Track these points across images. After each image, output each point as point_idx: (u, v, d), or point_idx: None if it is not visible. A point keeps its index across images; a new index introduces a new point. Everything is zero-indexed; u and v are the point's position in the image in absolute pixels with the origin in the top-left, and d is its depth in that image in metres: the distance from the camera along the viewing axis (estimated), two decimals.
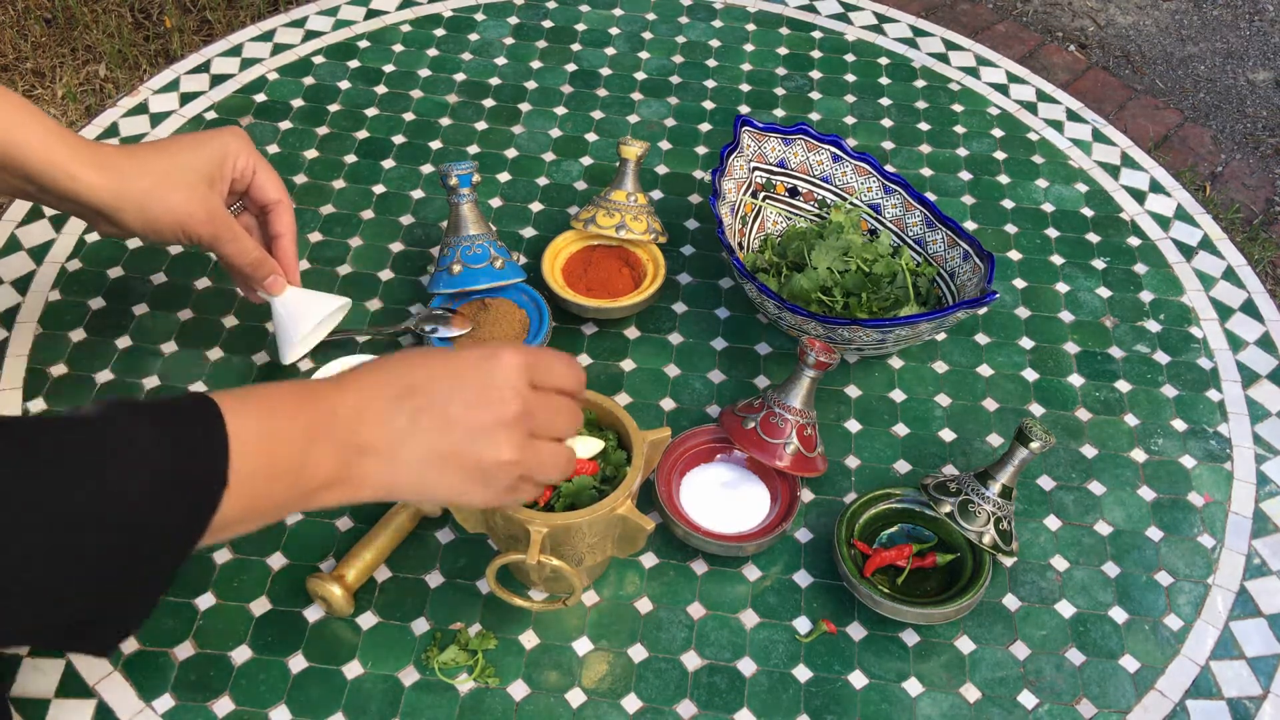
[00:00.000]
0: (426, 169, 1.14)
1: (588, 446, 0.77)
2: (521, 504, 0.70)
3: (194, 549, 0.54)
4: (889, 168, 1.18)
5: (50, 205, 0.80)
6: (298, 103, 1.20)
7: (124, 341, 0.97)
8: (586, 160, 1.17)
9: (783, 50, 1.32)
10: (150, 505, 0.52)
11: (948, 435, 0.95)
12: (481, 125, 1.20)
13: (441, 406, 0.60)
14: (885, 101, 1.26)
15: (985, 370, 1.00)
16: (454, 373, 0.61)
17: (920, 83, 1.29)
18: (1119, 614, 0.84)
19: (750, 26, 1.35)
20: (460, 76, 1.25)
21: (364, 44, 1.28)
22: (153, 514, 0.52)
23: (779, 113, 1.24)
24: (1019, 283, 1.08)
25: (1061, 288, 1.08)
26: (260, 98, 1.21)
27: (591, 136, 1.19)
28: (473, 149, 1.17)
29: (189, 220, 0.79)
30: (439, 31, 1.31)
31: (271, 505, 0.58)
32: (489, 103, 1.22)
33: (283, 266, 0.87)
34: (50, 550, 0.49)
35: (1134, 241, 1.12)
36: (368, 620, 0.81)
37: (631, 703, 0.78)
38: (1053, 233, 1.13)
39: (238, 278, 0.87)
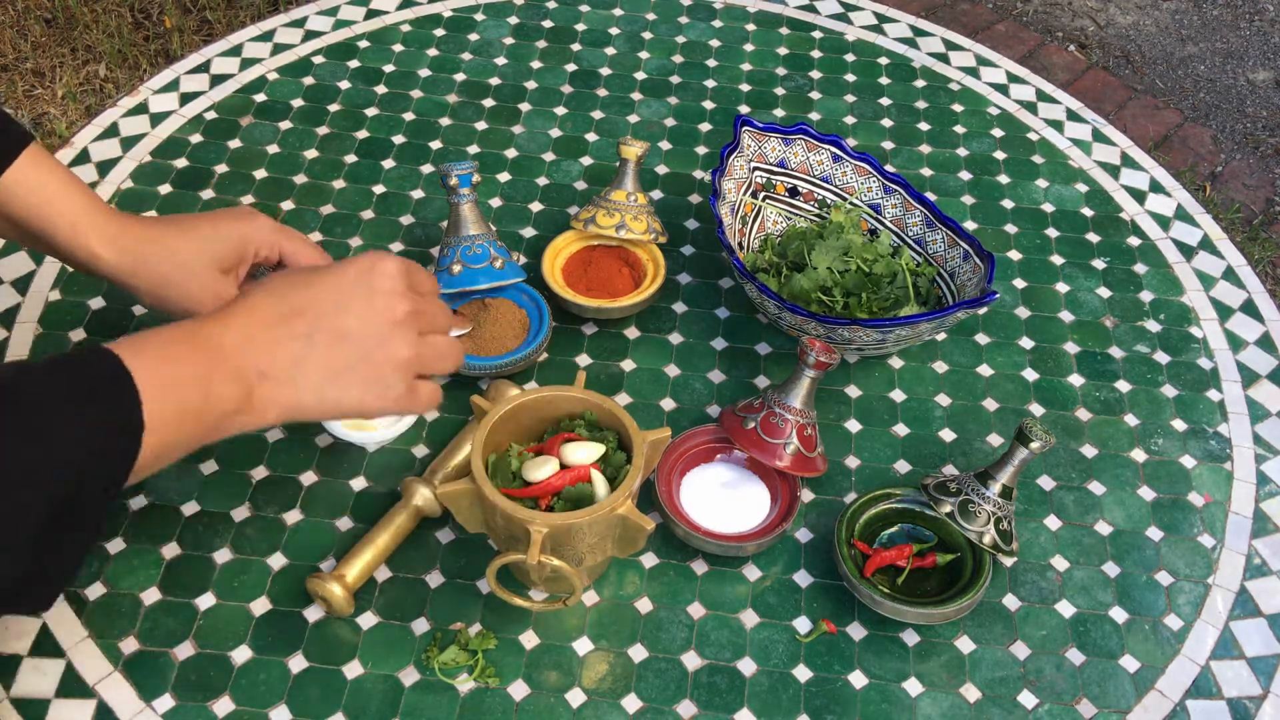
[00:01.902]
0: (426, 169, 1.14)
1: (588, 451, 0.77)
2: (409, 411, 0.71)
3: (117, 495, 0.57)
4: (889, 168, 1.18)
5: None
6: (298, 103, 1.20)
7: None
8: (586, 160, 1.17)
9: (783, 50, 1.32)
10: (77, 463, 0.54)
11: (948, 435, 0.95)
12: (481, 125, 1.20)
13: (333, 321, 0.63)
14: (885, 101, 1.26)
15: (985, 370, 1.00)
16: (338, 287, 0.64)
17: (920, 83, 1.29)
18: (1119, 614, 0.84)
19: (750, 26, 1.35)
20: (460, 76, 1.25)
21: (364, 44, 1.28)
22: (80, 471, 0.54)
23: (779, 113, 1.24)
24: (1019, 283, 1.08)
25: (1061, 288, 1.08)
26: (260, 98, 1.21)
27: (591, 136, 1.19)
28: (473, 149, 1.17)
29: (199, 309, 0.79)
30: (439, 31, 1.31)
31: (183, 441, 0.60)
32: (489, 103, 1.22)
33: None
34: None
35: (1134, 241, 1.12)
36: (368, 620, 0.81)
37: (631, 703, 0.78)
38: (1053, 233, 1.13)
39: None
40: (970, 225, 1.13)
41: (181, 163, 1.13)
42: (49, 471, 0.53)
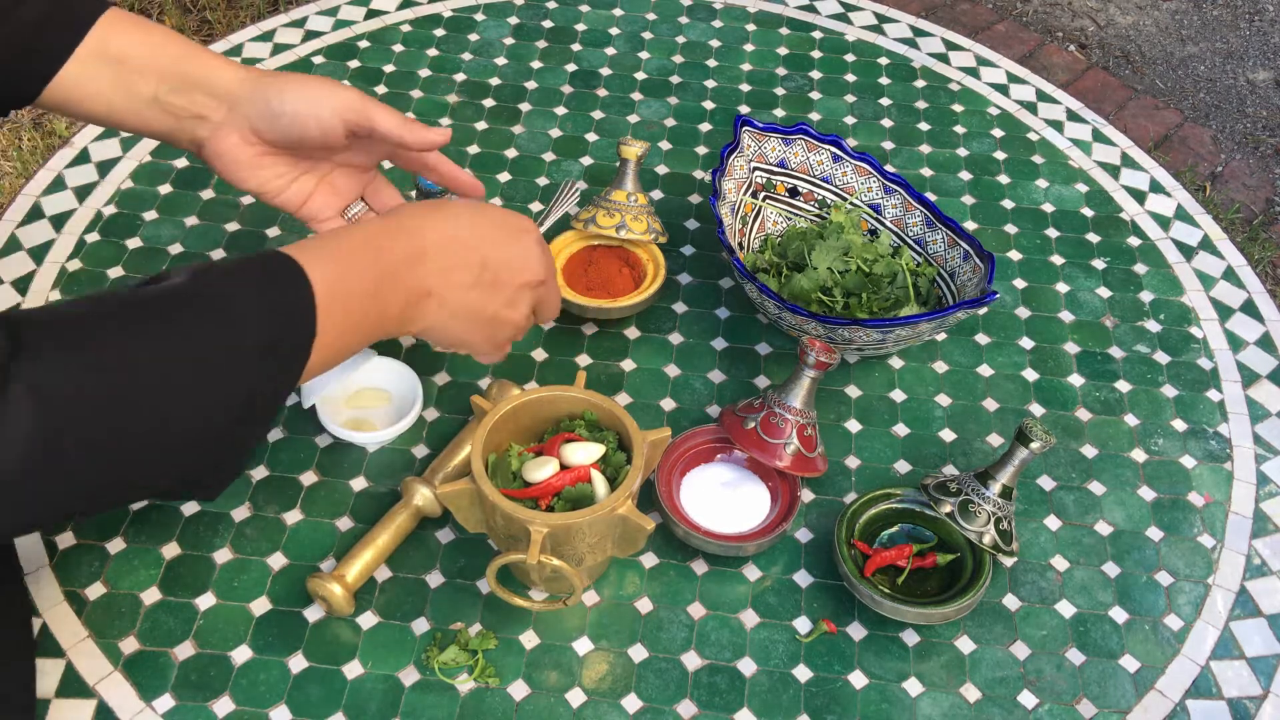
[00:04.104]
0: None
1: (588, 452, 0.77)
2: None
3: (290, 393, 0.61)
4: (889, 168, 1.18)
5: (178, 135, 0.76)
6: None
7: None
8: (586, 160, 1.17)
9: (783, 50, 1.32)
10: (254, 362, 0.58)
11: (948, 435, 0.95)
12: (481, 125, 1.20)
13: (496, 272, 0.71)
14: (885, 101, 1.26)
15: (985, 370, 1.00)
16: (506, 236, 0.72)
17: (920, 83, 1.29)
18: (1119, 614, 0.84)
19: (750, 26, 1.35)
20: (460, 76, 1.25)
21: (364, 44, 1.28)
22: (257, 370, 0.58)
23: (779, 113, 1.24)
24: (1019, 283, 1.08)
25: (1061, 288, 1.08)
26: None
27: (591, 136, 1.19)
28: (473, 149, 1.17)
29: (343, 100, 0.76)
30: (439, 31, 1.31)
31: (349, 344, 0.64)
32: (489, 103, 1.22)
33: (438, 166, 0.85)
34: (173, 414, 0.55)
35: (1134, 241, 1.12)
36: (368, 620, 0.81)
37: (631, 703, 0.78)
38: (1053, 233, 1.13)
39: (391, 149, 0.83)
40: (970, 225, 1.13)
41: (181, 163, 1.13)
42: (233, 370, 0.57)
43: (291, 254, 0.62)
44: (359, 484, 0.89)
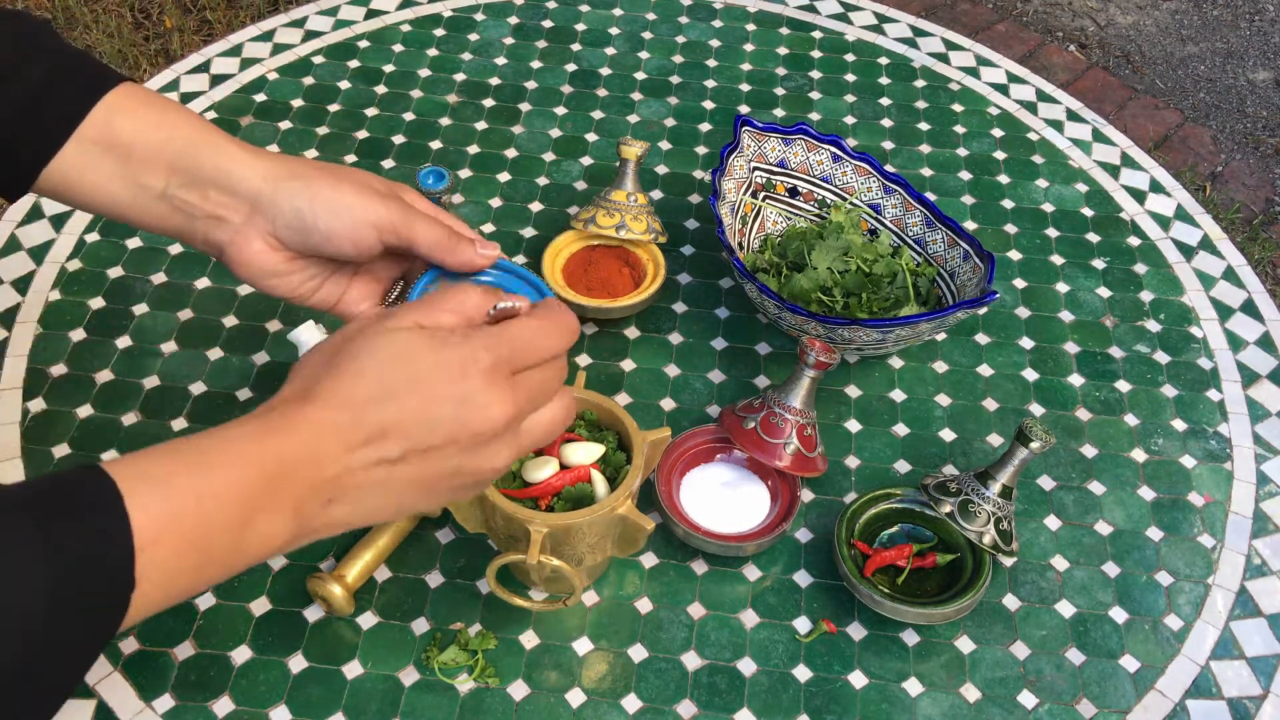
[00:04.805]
0: (427, 169, 1.14)
1: (588, 452, 0.77)
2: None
3: (96, 656, 0.47)
4: (889, 168, 1.18)
5: (193, 236, 0.66)
6: (298, 103, 1.20)
7: (124, 341, 0.97)
8: (586, 160, 1.17)
9: (783, 50, 1.32)
10: (24, 625, 0.43)
11: (948, 435, 0.95)
12: (481, 125, 1.20)
13: (420, 441, 0.53)
14: (885, 101, 1.26)
15: (985, 370, 1.00)
16: (431, 396, 0.53)
17: (920, 83, 1.29)
18: (1119, 614, 0.84)
19: (750, 26, 1.35)
20: (460, 76, 1.25)
21: (364, 44, 1.28)
22: (26, 635, 0.43)
23: (779, 113, 1.24)
24: (1019, 283, 1.08)
25: (1061, 288, 1.08)
26: (260, 98, 1.21)
27: (591, 136, 1.19)
28: (473, 149, 1.17)
29: (382, 218, 0.64)
30: (439, 31, 1.31)
31: (200, 585, 0.50)
32: (489, 103, 1.23)
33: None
34: None
35: (1134, 241, 1.12)
36: (368, 620, 0.81)
37: (631, 703, 0.78)
38: (1053, 233, 1.13)
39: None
40: (970, 225, 1.13)
41: None
42: None
43: (114, 473, 0.46)
44: None
